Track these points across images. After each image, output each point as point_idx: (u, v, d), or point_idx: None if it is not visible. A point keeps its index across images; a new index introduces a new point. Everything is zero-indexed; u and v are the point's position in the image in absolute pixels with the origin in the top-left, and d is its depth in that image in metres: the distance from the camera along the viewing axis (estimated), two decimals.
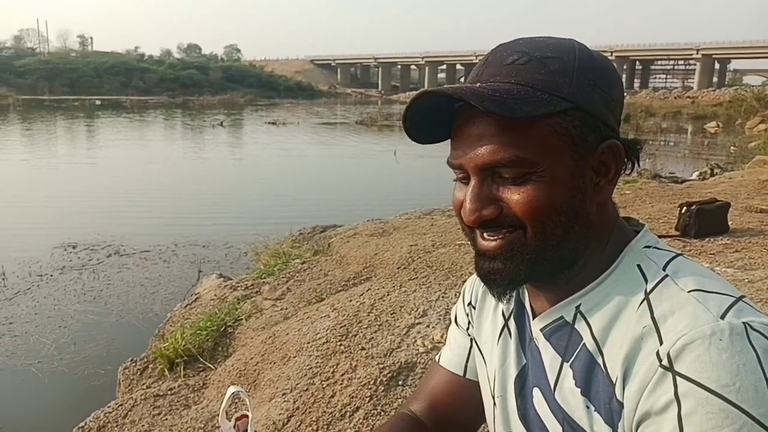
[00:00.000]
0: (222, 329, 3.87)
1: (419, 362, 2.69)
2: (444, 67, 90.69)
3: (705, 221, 4.83)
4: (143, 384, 3.45)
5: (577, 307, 0.70)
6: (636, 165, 0.73)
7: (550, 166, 0.65)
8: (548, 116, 0.64)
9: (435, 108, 0.69)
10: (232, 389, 1.37)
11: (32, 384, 4.07)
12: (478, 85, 0.65)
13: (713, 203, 5.06)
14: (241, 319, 3.99)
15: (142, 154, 18.01)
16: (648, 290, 0.65)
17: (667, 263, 0.67)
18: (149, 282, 6.03)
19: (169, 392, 3.10)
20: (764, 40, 67.99)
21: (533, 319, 0.77)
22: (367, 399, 2.47)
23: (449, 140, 0.72)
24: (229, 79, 71.26)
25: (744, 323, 0.58)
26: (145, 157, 17.18)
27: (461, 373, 0.94)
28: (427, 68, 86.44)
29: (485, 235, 0.69)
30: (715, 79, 72.28)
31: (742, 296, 0.62)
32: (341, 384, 2.61)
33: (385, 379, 2.58)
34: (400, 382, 2.58)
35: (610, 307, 0.67)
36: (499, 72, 0.66)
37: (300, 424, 2.38)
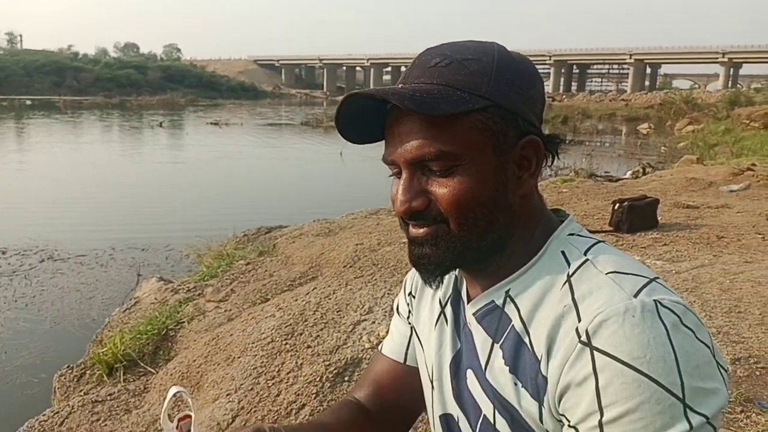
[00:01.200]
0: (163, 333, 3.78)
1: (365, 358, 2.72)
2: (389, 68, 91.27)
3: (636, 217, 5.07)
4: (80, 391, 3.33)
5: (507, 292, 0.74)
6: (556, 158, 0.77)
7: (473, 159, 0.69)
8: (468, 113, 0.68)
9: (368, 109, 0.72)
10: (173, 390, 1.36)
11: None
12: (400, 86, 0.70)
13: (644, 200, 5.32)
14: (183, 322, 3.91)
15: (76, 157, 17.30)
16: (570, 273, 0.69)
17: (588, 249, 0.72)
18: (85, 287, 5.81)
19: (108, 398, 3.01)
20: (691, 46, 71.77)
21: (467, 304, 0.81)
22: (313, 396, 2.48)
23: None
24: (168, 79, 69.37)
25: (655, 301, 0.62)
26: (80, 159, 16.52)
27: (402, 360, 0.97)
28: (372, 70, 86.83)
29: (414, 224, 0.73)
30: (647, 83, 75.74)
31: (656, 278, 0.67)
32: (287, 382, 2.60)
33: (331, 376, 2.60)
34: (346, 378, 2.60)
35: (536, 290, 0.71)
36: (423, 74, 0.70)
37: (245, 423, 2.36)
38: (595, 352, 0.61)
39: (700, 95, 37.01)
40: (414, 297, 0.96)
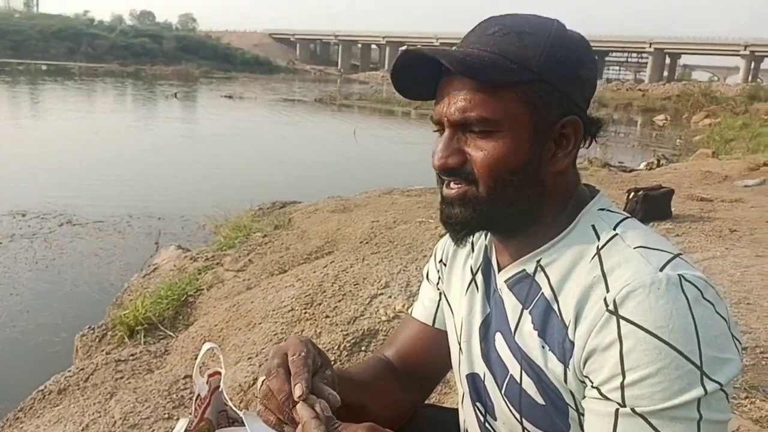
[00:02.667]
0: (183, 298, 3.88)
1: (381, 330, 2.81)
2: (405, 47, 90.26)
3: (650, 206, 5.11)
4: (102, 350, 3.44)
5: (538, 261, 0.79)
6: (594, 142, 0.81)
7: (512, 129, 0.73)
8: (515, 84, 0.71)
9: (424, 68, 0.76)
10: (207, 345, 1.43)
11: None
12: (454, 48, 0.74)
13: (658, 190, 5.34)
14: (203, 289, 4.01)
15: (91, 125, 17.41)
16: (600, 246, 0.74)
17: (618, 224, 0.76)
18: (104, 252, 5.93)
19: (130, 358, 3.12)
20: (712, 37, 70.59)
21: (498, 272, 0.86)
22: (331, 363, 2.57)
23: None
24: (183, 50, 69.16)
25: (679, 275, 0.67)
26: (95, 127, 16.62)
27: (431, 323, 1.03)
28: (387, 48, 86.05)
29: (449, 183, 0.78)
30: (665, 74, 74.59)
31: (680, 253, 0.72)
32: None
33: (348, 345, 2.69)
34: (362, 348, 2.69)
35: (566, 261, 0.76)
36: (479, 40, 0.74)
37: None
38: (621, 320, 0.66)
39: (719, 88, 36.56)
40: (445, 265, 1.01)
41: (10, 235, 6.25)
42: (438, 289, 1.03)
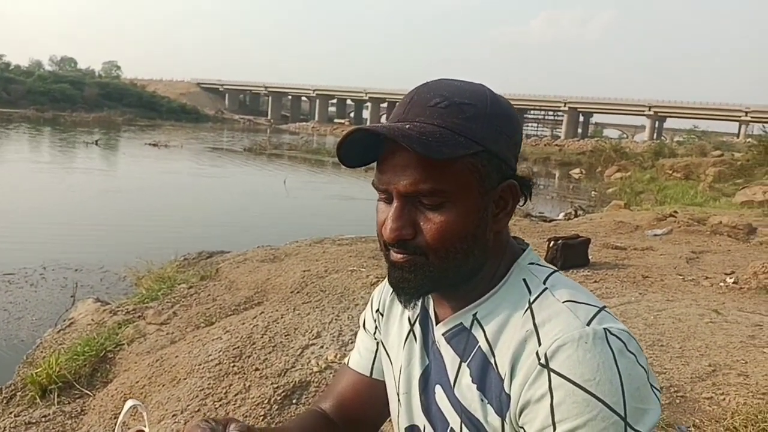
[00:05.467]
0: (101, 354, 3.68)
1: (313, 381, 2.76)
2: (335, 100, 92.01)
3: (570, 254, 5.37)
4: (10, 413, 3.18)
5: (474, 315, 0.82)
6: (528, 199, 0.85)
7: (462, 197, 0.75)
8: (463, 156, 0.74)
9: (365, 138, 0.78)
10: (130, 402, 1.37)
11: None
12: (407, 126, 0.74)
13: (576, 239, 5.63)
14: (123, 344, 3.82)
15: (2, 169, 16.47)
16: (531, 300, 0.77)
17: (547, 278, 0.80)
18: (13, 306, 5.55)
19: (42, 419, 2.91)
20: (621, 98, 76.19)
21: (436, 324, 0.87)
22: (261, 417, 2.50)
23: (373, 164, 0.82)
24: (106, 97, 67.10)
25: (605, 329, 0.71)
26: (8, 171, 15.73)
27: (368, 374, 1.03)
28: (318, 101, 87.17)
29: (396, 250, 0.79)
30: (579, 130, 79.48)
31: (604, 306, 0.76)
32: (234, 404, 2.61)
33: (279, 398, 2.62)
34: (294, 401, 2.64)
35: (501, 314, 0.79)
36: (423, 113, 0.76)
37: None
38: (552, 374, 0.69)
39: (628, 144, 39.13)
40: (382, 314, 1.02)
41: None
42: (375, 339, 1.04)
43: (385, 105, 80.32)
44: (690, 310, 4.13)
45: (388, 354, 0.99)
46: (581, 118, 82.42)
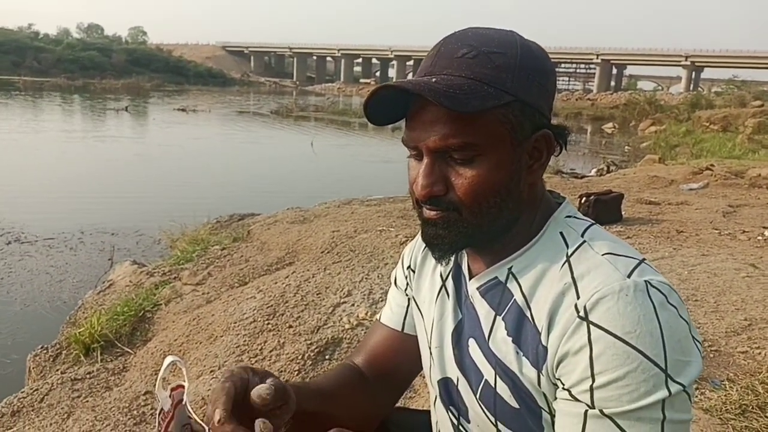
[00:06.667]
0: (140, 314, 3.80)
1: (345, 338, 2.82)
2: (360, 60, 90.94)
3: (602, 210, 5.28)
4: (57, 370, 3.33)
5: (509, 269, 0.81)
6: (564, 149, 0.82)
7: (494, 150, 0.74)
8: (493, 108, 0.72)
9: (392, 95, 0.76)
10: (169, 359, 1.41)
11: None
12: (434, 80, 0.72)
13: (609, 194, 5.53)
14: (161, 304, 3.93)
15: (38, 139, 16.85)
16: (569, 254, 0.76)
17: (585, 231, 0.79)
18: (55, 270, 5.75)
19: (87, 376, 3.04)
20: (655, 48, 73.49)
21: (469, 279, 0.87)
22: (296, 373, 2.57)
23: (402, 121, 0.81)
24: (134, 63, 67.54)
25: (645, 281, 0.70)
26: (42, 142, 16.09)
27: (400, 329, 1.04)
28: (343, 60, 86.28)
29: (429, 207, 0.78)
30: (612, 83, 77.20)
31: (644, 259, 0.75)
32: (269, 360, 2.68)
33: (312, 354, 2.68)
34: (326, 357, 2.69)
35: (537, 268, 0.78)
36: (450, 65, 0.74)
37: None
38: (591, 326, 0.69)
39: (663, 97, 38.01)
40: (414, 271, 1.03)
41: None
42: (406, 295, 1.04)
43: (411, 63, 79.08)
44: (726, 264, 4.05)
45: (419, 309, 1.00)
46: (614, 71, 79.98)
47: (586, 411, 0.69)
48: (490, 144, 0.73)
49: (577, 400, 0.70)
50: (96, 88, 48.45)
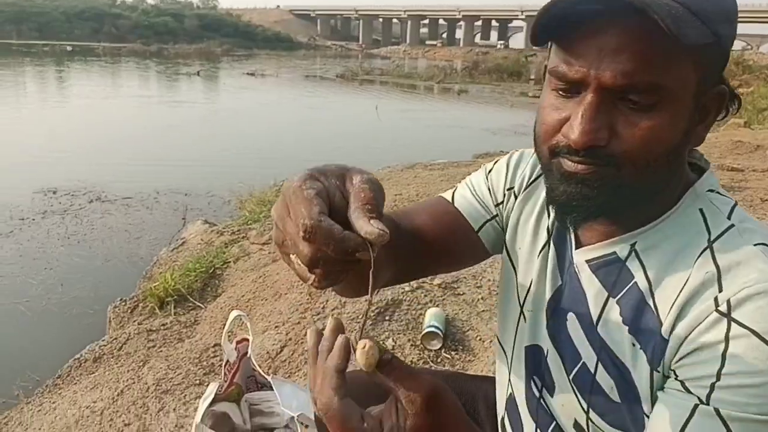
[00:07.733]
0: (211, 271, 3.96)
1: (405, 299, 2.83)
2: (426, 21, 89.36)
3: None
4: (134, 321, 3.54)
5: (633, 245, 0.69)
6: (729, 113, 0.69)
7: (678, 99, 0.61)
8: (697, 47, 0.58)
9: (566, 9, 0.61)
10: (235, 313, 1.45)
11: (21, 322, 4.13)
12: None
13: None
14: (229, 262, 4.08)
15: (117, 103, 17.64)
16: (712, 238, 0.64)
17: (731, 212, 0.67)
18: (133, 228, 6.06)
19: (161, 327, 3.21)
20: (745, 3, 68.15)
21: (577, 248, 0.75)
22: (356, 331, 2.61)
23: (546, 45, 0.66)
24: (205, 28, 69.32)
25: None
26: (121, 105, 16.83)
27: (475, 228, 0.87)
28: (409, 22, 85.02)
29: (579, 158, 0.63)
30: None
31: None
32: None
33: (372, 315, 2.72)
34: (387, 317, 2.72)
35: (669, 249, 0.66)
36: None
37: (292, 354, 2.52)
38: (733, 323, 0.59)
39: (752, 56, 35.39)
40: (516, 197, 0.86)
41: (43, 212, 6.42)
42: (495, 213, 0.88)
43: (479, 23, 77.00)
44: None
45: (511, 258, 0.86)
46: None
47: (697, 405, 0.60)
48: (677, 91, 0.60)
49: (689, 392, 0.61)
50: (170, 53, 50.04)
